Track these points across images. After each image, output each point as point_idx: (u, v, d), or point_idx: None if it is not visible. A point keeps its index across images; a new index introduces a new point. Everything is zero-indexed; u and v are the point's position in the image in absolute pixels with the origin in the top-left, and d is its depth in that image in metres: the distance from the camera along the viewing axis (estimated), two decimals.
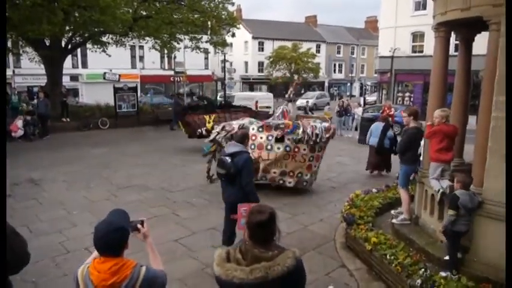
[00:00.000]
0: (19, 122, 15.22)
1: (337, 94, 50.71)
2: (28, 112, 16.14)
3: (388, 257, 4.91)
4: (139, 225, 2.49)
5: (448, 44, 5.54)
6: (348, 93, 50.76)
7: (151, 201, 8.14)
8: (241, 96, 26.47)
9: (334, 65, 58.65)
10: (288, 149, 8.22)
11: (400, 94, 29.92)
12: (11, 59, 29.87)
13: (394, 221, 6.14)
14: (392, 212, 6.48)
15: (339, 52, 58.94)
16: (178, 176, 10.29)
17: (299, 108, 29.38)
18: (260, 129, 8.39)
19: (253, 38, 52.40)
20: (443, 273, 4.48)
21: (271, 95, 29.09)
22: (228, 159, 5.01)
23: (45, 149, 13.78)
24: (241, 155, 5.01)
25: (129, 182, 9.58)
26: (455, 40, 6.73)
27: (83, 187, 9.20)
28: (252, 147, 8.20)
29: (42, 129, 15.88)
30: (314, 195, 8.79)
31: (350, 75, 53.77)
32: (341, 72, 59.73)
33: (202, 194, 8.67)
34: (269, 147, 8.25)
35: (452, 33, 5.65)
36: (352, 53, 59.43)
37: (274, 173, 8.33)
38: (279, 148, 8.21)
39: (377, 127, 10.67)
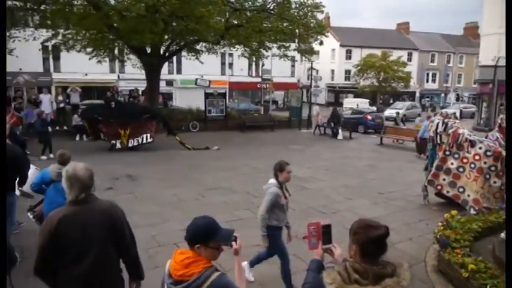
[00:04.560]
0: None
1: (429, 105, 47.57)
2: None
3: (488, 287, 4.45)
4: (233, 242, 2.42)
5: None
6: (441, 105, 47.46)
7: (236, 204, 8.36)
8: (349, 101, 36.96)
9: (427, 74, 55.23)
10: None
11: (502, 107, 27.17)
12: (117, 65, 33.07)
13: (502, 235, 5.50)
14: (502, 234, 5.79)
15: (432, 60, 55.42)
16: (262, 180, 10.38)
17: (387, 119, 28.17)
18: (488, 153, 7.73)
19: (341, 45, 51.53)
20: None
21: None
22: None
23: (140, 148, 14.92)
24: None
25: (216, 184, 9.97)
26: None
27: (173, 185, 9.79)
28: (472, 166, 7.83)
29: None
30: (403, 211, 8.33)
31: (444, 85, 50.19)
32: (434, 82, 56.05)
33: None
34: (487, 176, 7.69)
35: None
36: (448, 61, 55.46)
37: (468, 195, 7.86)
38: (495, 182, 7.67)
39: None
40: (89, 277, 2.68)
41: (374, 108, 34.48)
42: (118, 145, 14.31)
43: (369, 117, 23.64)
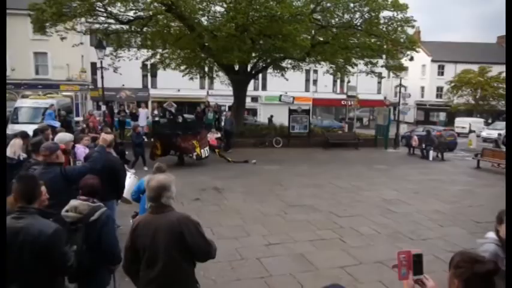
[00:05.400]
0: (215, 136, 17.41)
1: None
2: (217, 129, 18.49)
3: None
4: None
5: None
6: None
7: (319, 223, 8.23)
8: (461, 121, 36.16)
9: None
10: None
11: None
12: (206, 81, 35.03)
13: None
14: None
15: None
16: (346, 201, 10.19)
17: (485, 140, 25.82)
18: None
19: (433, 61, 48.73)
20: None
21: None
22: None
23: (226, 161, 15.48)
24: None
25: (299, 201, 9.94)
26: None
27: (257, 200, 9.97)
28: None
29: (227, 143, 17.95)
30: None
31: None
32: None
33: (371, 223, 8.36)
34: None
35: None
36: None
37: None
38: None
39: None
40: (161, 283, 2.88)
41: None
42: (194, 157, 14.25)
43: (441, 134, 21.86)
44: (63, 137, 5.70)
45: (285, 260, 6.34)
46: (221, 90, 31.45)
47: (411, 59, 22.25)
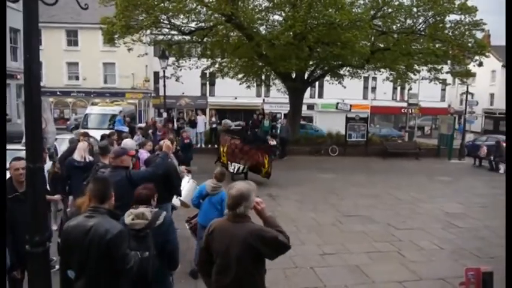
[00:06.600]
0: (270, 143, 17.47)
1: None
2: (272, 136, 18.56)
3: None
4: None
5: None
6: None
7: (376, 235, 7.98)
8: None
9: None
10: None
11: None
12: (263, 89, 35.44)
13: None
14: None
15: None
16: (405, 213, 9.79)
17: None
18: None
19: (503, 66, 45.45)
20: None
21: None
22: None
23: (282, 169, 15.42)
24: None
25: (354, 211, 9.71)
26: None
27: (311, 209, 9.87)
28: None
29: (282, 151, 17.97)
30: None
31: None
32: None
33: (432, 238, 7.95)
34: None
35: None
36: None
37: None
38: None
39: None
40: None
41: None
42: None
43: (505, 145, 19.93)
44: (132, 143, 6.07)
45: (340, 271, 6.23)
46: (277, 98, 31.63)
47: (480, 64, 20.87)
